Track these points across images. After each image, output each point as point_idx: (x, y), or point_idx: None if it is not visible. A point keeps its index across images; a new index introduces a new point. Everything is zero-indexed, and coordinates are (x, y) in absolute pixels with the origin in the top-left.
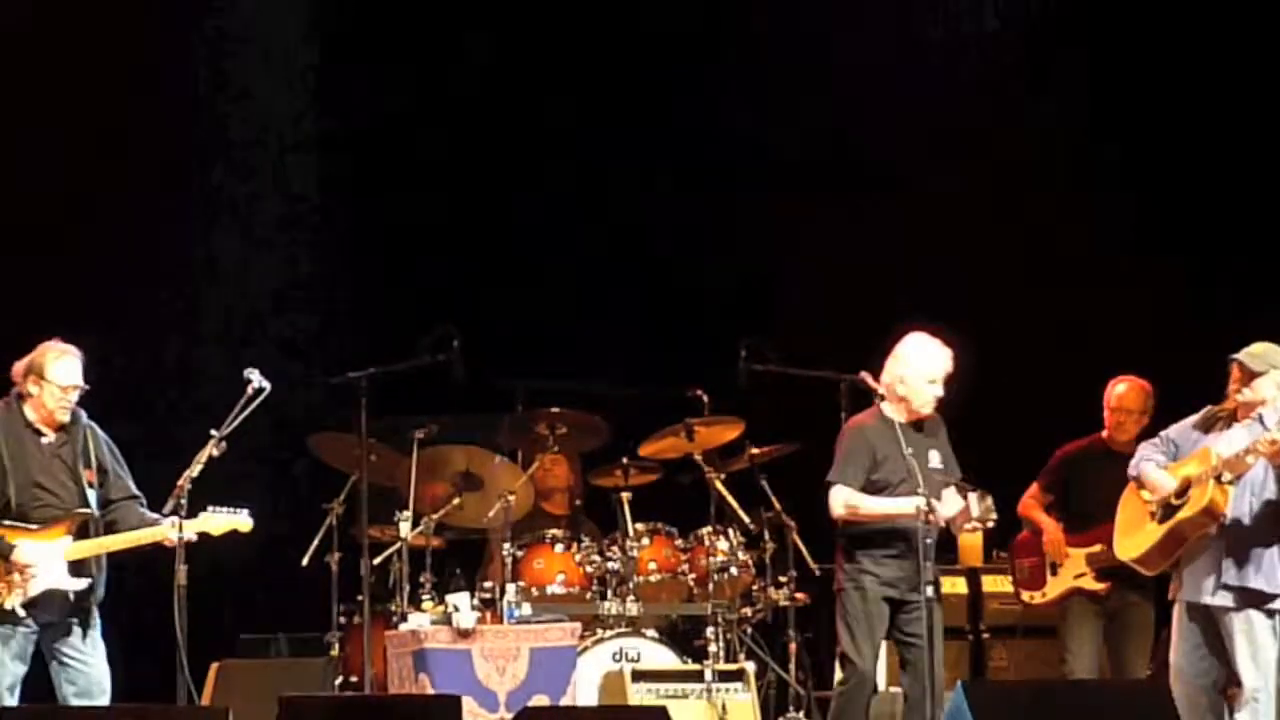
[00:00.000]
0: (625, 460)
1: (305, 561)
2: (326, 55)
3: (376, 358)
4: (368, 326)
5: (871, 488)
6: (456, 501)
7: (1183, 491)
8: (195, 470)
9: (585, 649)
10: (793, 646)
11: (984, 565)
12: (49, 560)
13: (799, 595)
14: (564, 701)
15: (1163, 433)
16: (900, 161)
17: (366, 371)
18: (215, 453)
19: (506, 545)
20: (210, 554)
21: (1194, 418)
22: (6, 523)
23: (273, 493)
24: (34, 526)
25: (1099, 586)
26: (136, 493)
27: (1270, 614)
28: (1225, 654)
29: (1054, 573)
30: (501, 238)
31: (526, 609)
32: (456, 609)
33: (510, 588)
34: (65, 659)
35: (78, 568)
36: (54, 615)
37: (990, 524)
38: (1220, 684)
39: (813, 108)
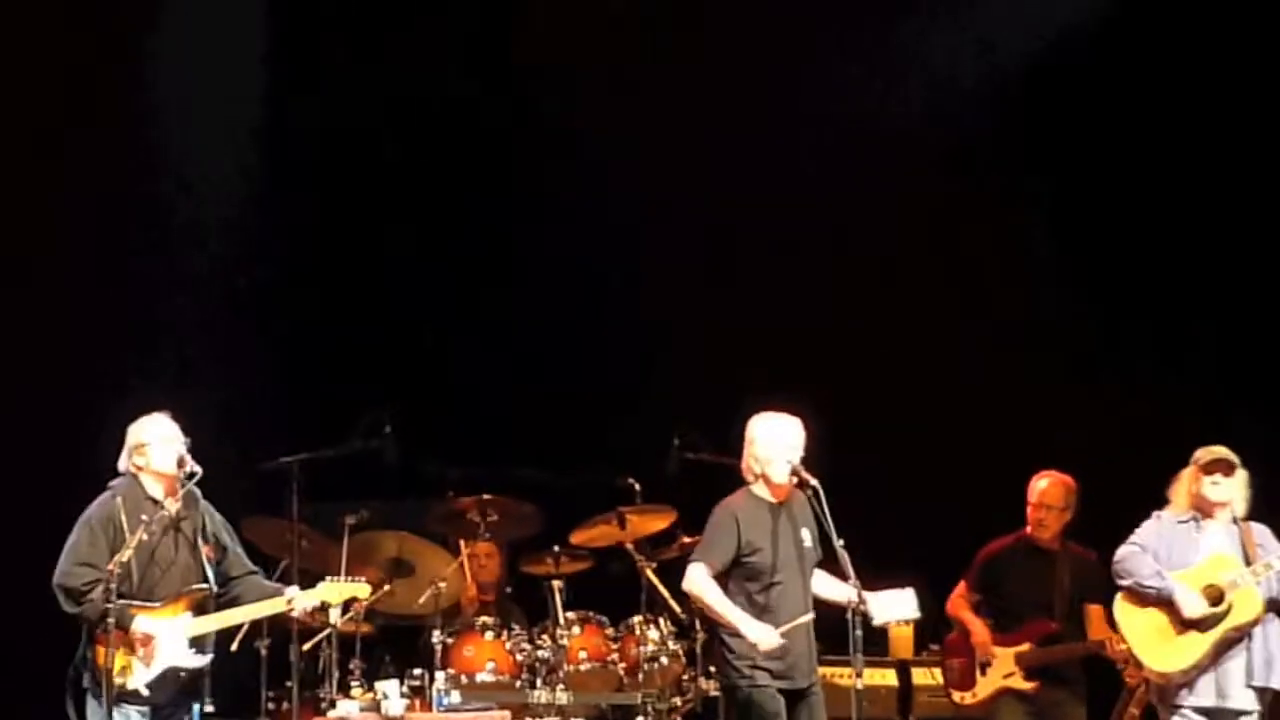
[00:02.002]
0: (556, 548)
1: (234, 646)
2: (267, 144)
3: (308, 442)
4: (299, 411)
5: (745, 573)
6: (387, 588)
7: (1217, 600)
8: (126, 555)
9: None
10: None
11: (914, 658)
12: (170, 637)
13: None
14: None
15: (1136, 541)
16: (829, 249)
17: (299, 456)
18: (145, 536)
19: (436, 632)
20: None
21: (1160, 523)
22: (128, 600)
23: None
24: (155, 604)
25: (1028, 686)
26: (255, 568)
27: None
28: None
29: (983, 672)
30: (433, 323)
31: (456, 697)
32: (385, 696)
33: (440, 675)
34: None
35: (197, 644)
36: (169, 694)
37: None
38: None
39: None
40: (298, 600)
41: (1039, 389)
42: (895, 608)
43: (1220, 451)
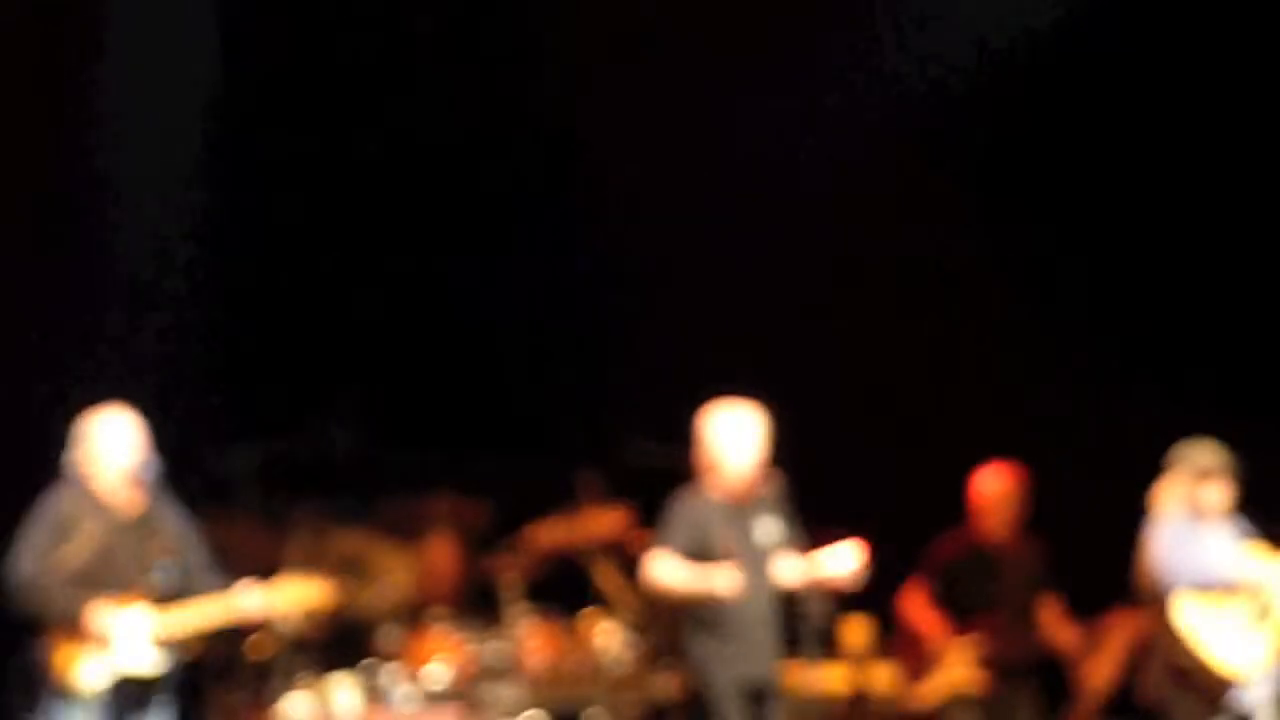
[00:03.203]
0: (513, 544)
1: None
2: (215, 120)
3: (261, 435)
4: (252, 404)
5: (699, 557)
6: (340, 584)
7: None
8: (73, 553)
9: None
10: None
11: (866, 656)
12: (128, 637)
13: None
14: None
15: (1166, 545)
16: (779, 245)
17: (252, 451)
18: (94, 535)
19: (389, 630)
20: None
21: (1170, 527)
22: (85, 599)
23: None
24: (109, 602)
25: (979, 681)
26: (213, 567)
27: None
28: None
29: (935, 669)
30: (389, 315)
31: (408, 694)
32: (337, 694)
33: (392, 673)
34: None
35: (157, 648)
36: (125, 692)
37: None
38: None
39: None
40: (253, 604)
41: (992, 382)
42: (842, 560)
43: (1215, 456)
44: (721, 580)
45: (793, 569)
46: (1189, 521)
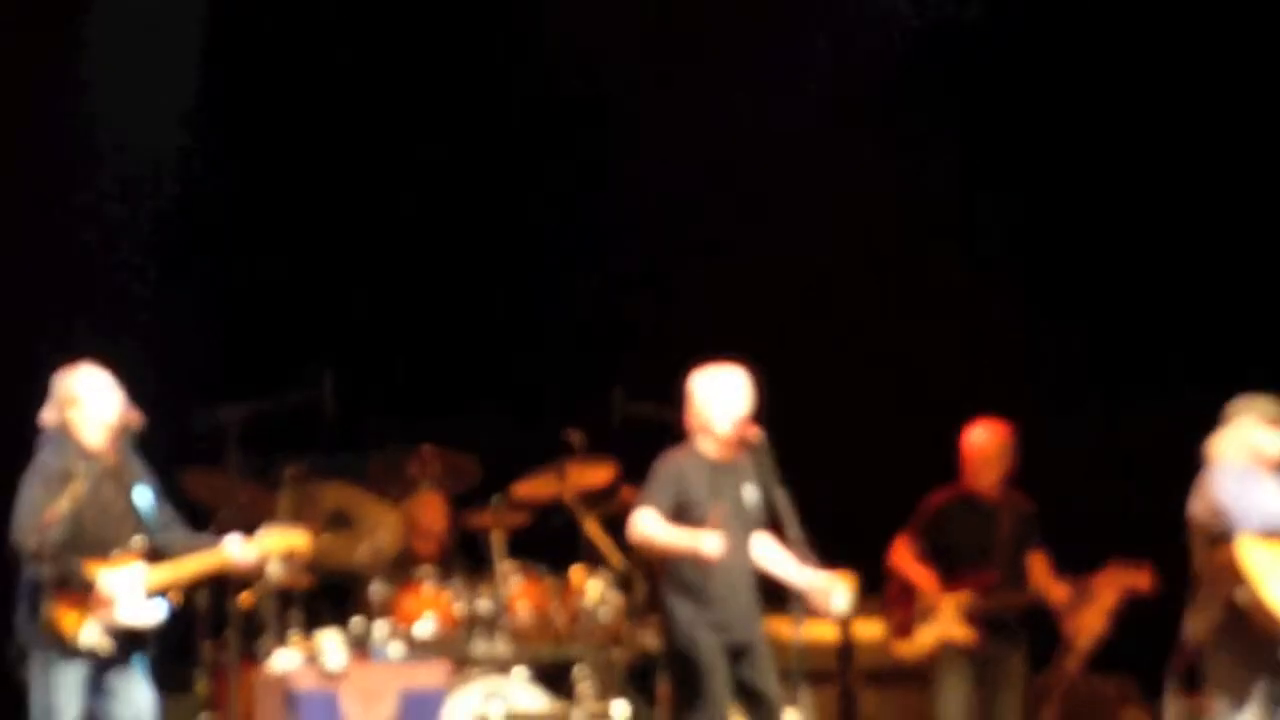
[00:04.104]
0: (497, 500)
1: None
2: (203, 95)
3: (247, 394)
4: (237, 362)
5: (681, 516)
6: (326, 540)
7: None
8: (64, 505)
9: (455, 690)
10: (662, 688)
11: (855, 611)
12: (128, 591)
13: None
14: None
15: (1230, 489)
16: (760, 210)
17: (239, 408)
18: (86, 487)
19: (376, 584)
20: None
21: (1234, 474)
22: (82, 555)
23: None
24: (110, 557)
25: (968, 635)
26: (175, 515)
27: None
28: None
29: (924, 623)
30: (373, 273)
31: (396, 649)
32: (325, 648)
33: (380, 627)
34: (112, 689)
35: (150, 598)
36: (118, 646)
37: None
38: None
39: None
40: (239, 552)
41: (984, 342)
42: (828, 599)
43: None
44: (708, 544)
45: (779, 567)
46: (1249, 468)
